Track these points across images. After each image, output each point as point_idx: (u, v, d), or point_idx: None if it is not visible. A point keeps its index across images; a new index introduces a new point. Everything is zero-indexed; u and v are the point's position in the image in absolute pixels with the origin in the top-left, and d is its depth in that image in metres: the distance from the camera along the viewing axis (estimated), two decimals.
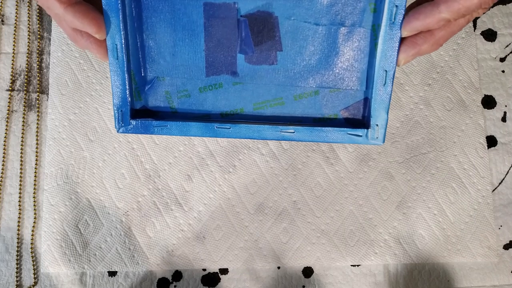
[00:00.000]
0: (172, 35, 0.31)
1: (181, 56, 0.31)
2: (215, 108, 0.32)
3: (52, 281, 0.41)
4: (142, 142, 0.43)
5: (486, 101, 0.44)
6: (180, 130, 0.31)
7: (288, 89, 0.32)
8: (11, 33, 0.44)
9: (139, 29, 0.30)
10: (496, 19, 0.45)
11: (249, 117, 0.32)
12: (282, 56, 0.31)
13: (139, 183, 0.42)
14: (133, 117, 0.31)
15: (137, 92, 0.32)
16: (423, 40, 0.28)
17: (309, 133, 0.30)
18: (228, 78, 0.32)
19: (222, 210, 0.42)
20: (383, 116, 0.30)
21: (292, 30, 0.30)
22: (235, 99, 0.32)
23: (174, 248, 0.41)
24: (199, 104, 0.32)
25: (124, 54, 0.29)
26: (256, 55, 0.31)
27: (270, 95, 0.32)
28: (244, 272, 0.41)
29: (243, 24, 0.30)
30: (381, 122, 0.30)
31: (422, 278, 0.41)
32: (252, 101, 0.32)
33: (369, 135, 0.30)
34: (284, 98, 0.32)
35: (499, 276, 0.42)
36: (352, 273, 0.41)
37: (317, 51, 0.31)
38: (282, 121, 0.32)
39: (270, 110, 0.32)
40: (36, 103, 0.43)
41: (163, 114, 0.32)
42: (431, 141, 0.43)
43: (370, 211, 0.42)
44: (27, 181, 0.42)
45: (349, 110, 0.32)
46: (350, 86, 0.31)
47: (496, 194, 0.43)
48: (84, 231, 0.41)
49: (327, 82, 0.31)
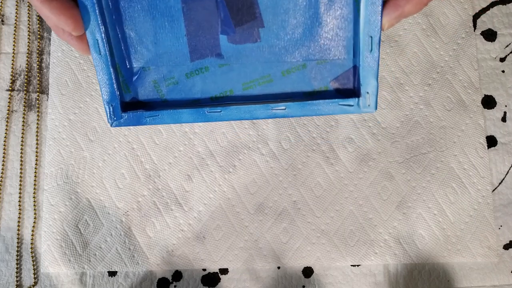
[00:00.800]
0: (151, 24, 0.30)
1: (163, 44, 0.31)
2: (204, 92, 0.32)
3: (52, 281, 0.41)
4: (142, 142, 0.43)
5: (486, 101, 0.44)
6: (171, 118, 0.31)
7: (275, 66, 0.31)
8: (11, 33, 0.44)
9: (118, 21, 0.30)
10: (496, 19, 0.45)
11: (239, 98, 0.32)
12: (265, 33, 0.30)
13: (139, 183, 0.42)
14: (124, 110, 0.31)
15: (125, 85, 0.32)
16: (405, 1, 0.28)
17: (301, 108, 0.30)
18: (214, 61, 0.31)
19: (222, 210, 0.42)
20: (373, 83, 0.29)
21: (272, 5, 0.30)
22: (223, 81, 0.32)
23: (174, 248, 0.41)
24: (188, 90, 0.32)
25: (106, 48, 0.29)
26: (238, 34, 0.30)
27: (258, 74, 0.31)
28: (244, 272, 0.41)
29: (221, 4, 0.29)
30: (372, 89, 0.29)
31: (422, 278, 0.41)
32: (240, 82, 0.32)
33: (360, 104, 0.29)
34: (272, 75, 0.32)
35: (499, 276, 0.42)
36: (352, 273, 0.41)
37: (300, 23, 0.30)
38: (273, 99, 0.32)
39: (259, 89, 0.32)
40: (36, 103, 0.43)
41: (153, 104, 0.32)
42: (431, 141, 0.43)
43: (370, 211, 0.42)
44: (27, 181, 0.42)
45: (339, 80, 0.31)
46: (337, 56, 0.31)
47: (496, 194, 0.43)
48: (84, 231, 0.41)
49: (313, 54, 0.31)
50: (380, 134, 0.43)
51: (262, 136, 0.43)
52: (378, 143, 0.43)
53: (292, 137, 0.43)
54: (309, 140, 0.43)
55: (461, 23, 0.45)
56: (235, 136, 0.43)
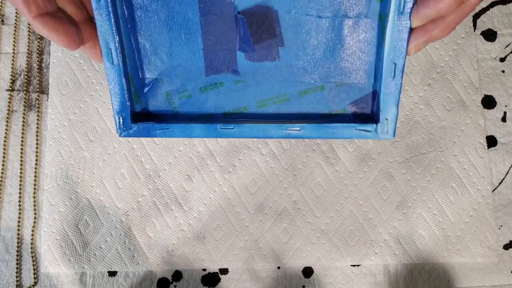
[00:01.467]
0: (167, 35, 0.29)
1: (178, 56, 0.30)
2: (218, 107, 0.31)
3: (52, 281, 0.41)
4: (142, 142, 0.43)
5: (486, 101, 0.44)
6: (182, 132, 0.30)
7: (292, 85, 0.31)
8: (11, 33, 0.44)
9: (133, 31, 0.29)
10: (496, 19, 0.45)
11: (253, 115, 0.31)
12: (284, 52, 0.30)
13: (139, 183, 0.42)
14: (134, 121, 0.30)
15: (137, 95, 0.31)
16: (433, 26, 0.26)
17: (316, 130, 0.29)
18: (229, 77, 0.30)
19: (222, 210, 0.42)
20: (393, 110, 0.28)
21: (293, 24, 0.29)
22: (238, 98, 0.31)
23: (174, 248, 0.41)
24: (201, 104, 0.31)
25: (119, 58, 0.28)
26: (257, 52, 0.30)
27: (274, 92, 0.31)
28: (244, 272, 0.41)
29: (241, 22, 0.28)
30: (391, 116, 0.28)
31: (422, 278, 0.41)
32: (256, 99, 0.31)
33: (378, 130, 0.29)
34: (289, 95, 0.31)
35: (499, 276, 0.42)
36: (352, 273, 0.41)
37: (321, 44, 0.29)
38: (288, 118, 0.31)
39: (274, 107, 0.31)
40: (36, 103, 0.43)
41: (164, 116, 0.32)
42: (431, 141, 0.43)
43: (370, 211, 0.42)
44: (27, 181, 0.42)
45: (357, 104, 0.30)
46: (358, 80, 0.30)
47: (496, 194, 0.43)
48: (84, 231, 0.41)
49: (333, 76, 0.30)
50: None
51: None
52: (378, 143, 0.43)
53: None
54: (309, 140, 0.43)
55: (461, 23, 0.45)
56: None
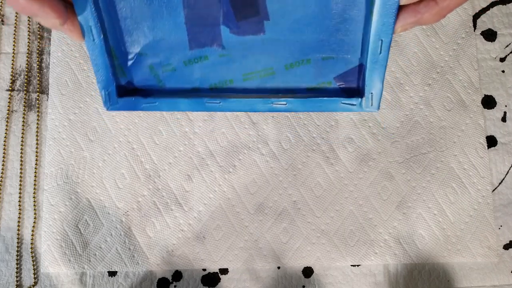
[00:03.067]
0: (148, 9, 0.29)
1: (160, 30, 0.29)
2: (203, 81, 0.31)
3: (52, 281, 0.41)
4: (142, 142, 0.43)
5: (486, 101, 0.44)
6: (169, 106, 0.30)
7: (278, 59, 0.30)
8: (11, 33, 0.44)
9: (112, 5, 0.28)
10: (496, 19, 0.45)
11: (239, 90, 0.31)
12: (270, 26, 0.29)
13: (139, 183, 0.42)
14: (120, 96, 0.30)
15: (120, 69, 0.30)
16: (426, 9, 0.26)
17: (302, 104, 0.29)
18: (214, 50, 0.30)
19: (222, 210, 0.42)
20: (378, 85, 0.28)
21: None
22: (223, 71, 0.30)
23: (174, 248, 0.41)
24: (186, 77, 0.31)
25: (100, 34, 0.28)
26: (242, 26, 0.29)
27: (260, 66, 0.30)
28: (244, 272, 0.41)
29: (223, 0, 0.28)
30: (376, 91, 0.28)
31: (422, 278, 0.41)
32: (241, 72, 0.31)
33: (363, 104, 0.29)
34: (275, 68, 0.30)
35: (499, 276, 0.42)
36: (352, 273, 0.41)
37: (308, 18, 0.29)
38: (274, 92, 0.31)
39: (260, 81, 0.31)
40: (36, 103, 0.43)
41: (150, 90, 0.31)
42: (431, 141, 0.43)
43: (370, 211, 0.42)
44: (27, 181, 0.42)
45: (343, 77, 0.30)
46: (344, 53, 0.29)
47: (496, 194, 0.43)
48: (84, 231, 0.41)
49: (319, 50, 0.30)
50: (380, 134, 0.43)
51: (262, 136, 0.43)
52: (378, 143, 0.43)
53: (292, 137, 0.43)
54: (309, 140, 0.43)
55: (461, 23, 0.45)
56: (235, 136, 0.43)
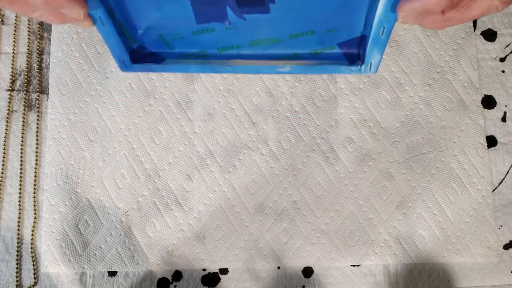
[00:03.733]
0: None
1: (167, 9, 0.30)
2: (211, 46, 0.32)
3: (52, 281, 0.41)
4: (142, 142, 0.43)
5: (486, 101, 0.44)
6: (180, 68, 0.32)
7: (283, 31, 0.32)
8: (11, 33, 0.44)
9: None
10: (496, 19, 0.45)
11: (246, 56, 0.32)
12: (275, 7, 0.30)
13: (139, 183, 0.42)
14: (134, 62, 0.31)
15: (131, 38, 0.32)
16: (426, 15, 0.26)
17: (305, 67, 0.31)
18: (220, 25, 0.31)
19: (222, 210, 0.42)
20: (378, 56, 0.30)
21: None
22: (230, 39, 0.32)
23: (174, 248, 0.41)
24: (195, 43, 0.32)
25: (109, 19, 0.29)
26: (248, 6, 0.30)
27: (266, 35, 0.32)
28: (244, 272, 0.41)
29: None
30: (375, 61, 0.30)
31: (422, 278, 0.41)
32: (247, 39, 0.32)
33: (362, 69, 0.31)
34: (280, 37, 0.32)
35: (499, 276, 0.42)
36: (352, 273, 0.41)
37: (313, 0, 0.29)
38: (279, 58, 0.32)
39: (265, 47, 0.32)
40: (36, 103, 0.43)
41: (161, 54, 0.33)
42: (431, 141, 0.43)
43: (370, 211, 0.42)
44: (27, 181, 0.42)
45: (346, 44, 0.32)
46: (347, 28, 0.31)
47: (496, 194, 0.43)
48: (84, 231, 0.41)
49: (323, 24, 0.31)
50: (380, 134, 0.43)
51: (262, 136, 0.43)
52: (378, 143, 0.43)
53: (292, 137, 0.43)
54: (309, 140, 0.43)
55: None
56: (235, 136, 0.43)
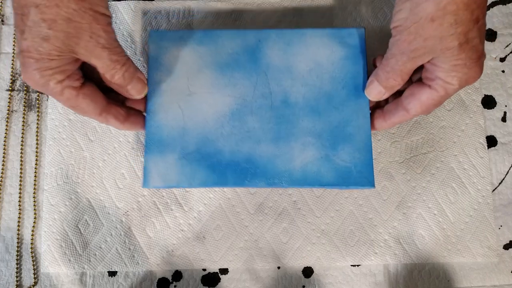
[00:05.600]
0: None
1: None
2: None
3: (52, 281, 0.41)
4: (143, 142, 0.43)
5: (486, 101, 0.44)
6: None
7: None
8: (11, 33, 0.44)
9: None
10: (496, 19, 0.45)
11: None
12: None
13: (139, 183, 0.42)
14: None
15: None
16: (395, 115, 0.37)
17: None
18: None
19: (222, 210, 0.42)
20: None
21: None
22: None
23: (174, 248, 0.41)
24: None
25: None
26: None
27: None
28: (244, 272, 0.41)
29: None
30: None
31: (422, 278, 0.41)
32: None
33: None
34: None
35: (499, 276, 0.42)
36: (352, 273, 0.41)
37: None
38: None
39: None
40: (36, 103, 0.43)
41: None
42: (431, 141, 0.43)
43: (370, 211, 0.42)
44: (27, 181, 0.42)
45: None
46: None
47: (496, 194, 0.43)
48: (84, 231, 0.41)
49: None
50: (380, 134, 0.43)
51: None
52: (378, 143, 0.43)
53: None
54: None
55: None
56: None
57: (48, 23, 0.29)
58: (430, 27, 0.30)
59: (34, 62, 0.30)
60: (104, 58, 0.32)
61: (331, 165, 0.37)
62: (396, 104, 0.37)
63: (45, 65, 0.30)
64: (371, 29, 0.44)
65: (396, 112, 0.37)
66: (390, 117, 0.37)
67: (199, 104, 0.38)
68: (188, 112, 0.38)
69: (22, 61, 0.31)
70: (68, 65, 0.31)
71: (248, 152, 0.37)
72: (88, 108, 0.34)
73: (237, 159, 0.37)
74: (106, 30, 0.31)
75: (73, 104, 0.33)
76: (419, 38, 0.31)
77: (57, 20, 0.29)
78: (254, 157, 0.37)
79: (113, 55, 0.32)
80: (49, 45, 0.30)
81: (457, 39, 0.30)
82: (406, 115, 0.36)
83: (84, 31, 0.30)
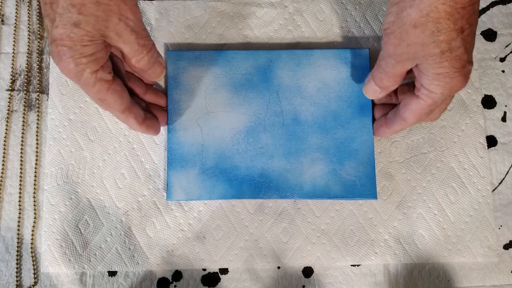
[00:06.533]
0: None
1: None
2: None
3: (52, 281, 0.41)
4: (143, 142, 0.43)
5: (486, 101, 0.44)
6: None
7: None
8: (11, 33, 0.44)
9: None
10: (496, 19, 0.45)
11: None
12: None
13: (139, 183, 0.42)
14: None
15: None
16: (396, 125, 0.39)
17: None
18: None
19: (222, 210, 0.42)
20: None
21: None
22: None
23: (174, 248, 0.41)
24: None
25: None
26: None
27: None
28: (244, 272, 0.41)
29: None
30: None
31: (422, 278, 0.41)
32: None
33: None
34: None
35: (499, 276, 0.42)
36: (352, 273, 0.41)
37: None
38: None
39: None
40: (36, 103, 0.43)
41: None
42: (431, 141, 0.43)
43: (370, 211, 0.42)
44: (27, 181, 0.42)
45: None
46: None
47: (496, 194, 0.43)
48: (84, 231, 0.41)
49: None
50: None
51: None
52: (378, 143, 0.43)
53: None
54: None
55: None
56: None
57: (78, 8, 0.29)
58: (413, 33, 0.31)
59: (67, 50, 0.30)
60: (132, 42, 0.32)
61: (338, 179, 0.40)
62: (394, 113, 0.38)
63: (78, 52, 0.30)
64: (371, 30, 0.44)
65: (396, 121, 0.38)
66: (391, 125, 0.38)
67: (217, 122, 0.41)
68: (207, 130, 0.41)
69: (56, 50, 0.30)
70: (100, 52, 0.31)
71: (261, 167, 0.40)
72: (114, 103, 0.34)
73: (252, 174, 0.40)
74: (133, 11, 0.32)
75: (102, 98, 0.33)
76: (403, 43, 0.32)
77: (86, 4, 0.29)
78: (267, 171, 0.40)
79: (140, 39, 0.33)
80: (80, 30, 0.30)
81: (439, 47, 0.31)
82: (404, 123, 0.37)
83: (113, 14, 0.30)
